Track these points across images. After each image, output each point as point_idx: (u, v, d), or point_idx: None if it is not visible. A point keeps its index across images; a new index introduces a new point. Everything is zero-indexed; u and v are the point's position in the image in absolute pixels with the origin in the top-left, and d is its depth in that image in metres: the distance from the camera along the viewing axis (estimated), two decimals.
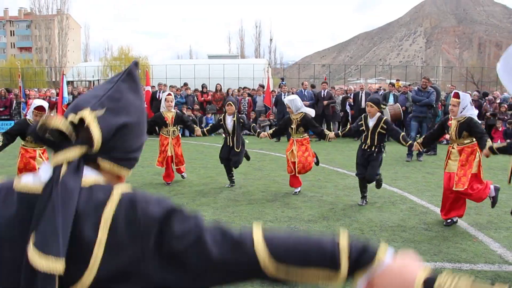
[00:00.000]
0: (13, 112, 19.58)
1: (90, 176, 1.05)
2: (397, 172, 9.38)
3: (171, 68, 44.57)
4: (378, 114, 6.66)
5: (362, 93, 15.94)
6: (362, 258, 1.05)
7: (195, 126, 8.83)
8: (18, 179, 1.09)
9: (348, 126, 7.87)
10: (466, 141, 5.69)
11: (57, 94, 18.46)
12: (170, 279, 1.01)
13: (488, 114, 15.46)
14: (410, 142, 6.64)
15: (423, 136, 6.77)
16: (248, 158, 8.42)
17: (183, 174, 8.53)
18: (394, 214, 6.25)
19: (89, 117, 1.04)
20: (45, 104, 6.14)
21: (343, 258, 1.04)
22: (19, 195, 1.04)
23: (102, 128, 1.05)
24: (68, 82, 61.97)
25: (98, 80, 50.97)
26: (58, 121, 1.03)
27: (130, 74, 1.18)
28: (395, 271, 1.04)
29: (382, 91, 16.73)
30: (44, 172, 1.06)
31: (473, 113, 5.75)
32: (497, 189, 5.70)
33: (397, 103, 12.65)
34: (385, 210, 6.48)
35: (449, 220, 5.78)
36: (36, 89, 22.31)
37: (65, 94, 17.53)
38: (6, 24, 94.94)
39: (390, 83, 16.93)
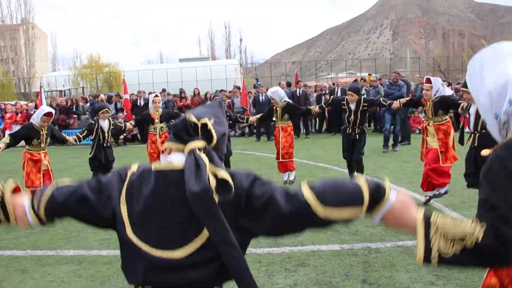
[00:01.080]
0: None
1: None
2: (375, 163, 9.95)
3: (143, 73, 44.43)
4: (357, 99, 7.25)
5: (338, 89, 16.52)
6: (377, 193, 1.47)
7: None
8: (156, 163, 1.59)
9: (331, 98, 8.37)
10: (440, 119, 6.28)
11: (36, 107, 18.50)
12: (255, 224, 1.52)
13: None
14: (389, 102, 7.38)
15: (406, 100, 7.38)
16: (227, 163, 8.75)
17: None
18: None
19: (209, 123, 1.55)
20: (53, 111, 6.61)
21: (365, 195, 1.46)
22: (158, 173, 1.54)
23: (216, 131, 1.56)
24: (37, 93, 60.64)
25: (69, 89, 50.36)
26: (196, 119, 1.54)
27: (220, 103, 1.76)
28: (400, 209, 1.49)
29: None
30: (174, 158, 1.56)
31: (447, 92, 6.34)
32: (445, 192, 6.35)
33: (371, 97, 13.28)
34: None
35: (436, 193, 6.37)
36: (13, 103, 22.16)
37: (44, 106, 17.61)
38: None
39: (361, 78, 17.60)
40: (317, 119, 17.52)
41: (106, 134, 7.81)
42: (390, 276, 4.10)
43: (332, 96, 8.03)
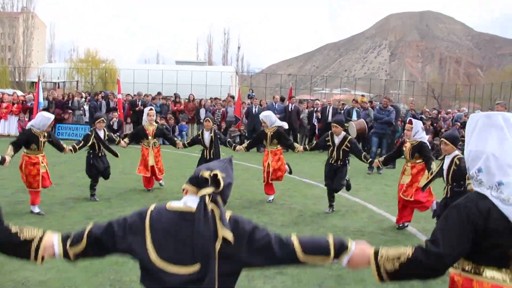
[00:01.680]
0: None
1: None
2: (360, 184, 10.37)
3: (139, 72, 44.53)
4: (343, 133, 7.60)
5: (329, 108, 16.99)
6: (341, 248, 2.16)
7: (176, 139, 9.62)
8: (169, 203, 2.10)
9: (315, 142, 8.78)
10: (417, 161, 6.81)
11: (33, 99, 18.75)
12: (252, 260, 2.06)
13: (442, 130, 16.80)
14: (371, 159, 7.68)
15: (384, 156, 7.84)
16: None
17: (160, 182, 9.29)
18: (355, 222, 7.19)
19: (219, 175, 2.02)
20: (53, 116, 7.13)
21: (331, 249, 2.14)
22: (176, 212, 2.06)
23: (224, 181, 2.02)
24: (32, 83, 59.90)
25: (64, 82, 50.27)
26: (207, 174, 2.01)
27: (231, 162, 2.23)
28: (358, 253, 2.16)
29: (346, 106, 17.88)
30: (188, 200, 2.07)
31: (424, 136, 6.87)
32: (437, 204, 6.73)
33: (362, 119, 13.69)
34: (347, 218, 7.41)
35: (400, 225, 6.83)
36: (10, 92, 22.38)
37: (41, 100, 17.88)
38: None
39: (353, 99, 18.09)
40: (307, 135, 17.95)
41: (101, 143, 8.09)
42: None
43: (316, 141, 8.47)
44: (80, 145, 7.89)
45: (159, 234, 2.03)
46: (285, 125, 8.74)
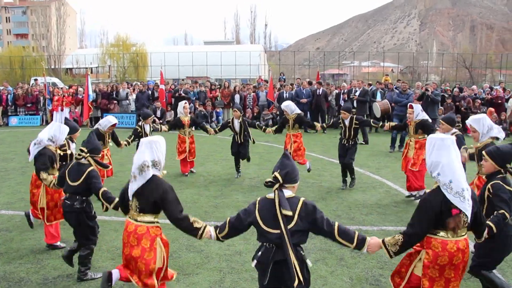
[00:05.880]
0: (41, 108, 21.69)
1: (288, 193, 3.44)
2: (381, 162, 11.71)
3: (169, 55, 45.65)
4: (350, 116, 8.99)
5: (354, 89, 18.14)
6: (361, 243, 3.48)
7: (207, 126, 11.12)
8: (268, 194, 3.51)
9: (332, 121, 10.27)
10: (420, 137, 8.21)
11: (82, 92, 20.53)
12: (311, 228, 3.45)
13: (463, 108, 17.82)
14: (381, 123, 9.32)
15: (394, 124, 9.28)
16: (248, 160, 10.46)
17: (192, 169, 10.85)
18: (373, 196, 8.60)
19: (278, 176, 3.40)
20: (117, 122, 8.57)
21: (355, 240, 3.47)
22: (268, 200, 3.48)
23: (281, 176, 3.40)
24: (67, 70, 60.54)
25: (97, 67, 51.99)
26: (271, 177, 3.43)
27: (285, 156, 3.53)
28: (373, 243, 3.53)
29: (371, 87, 18.99)
30: (271, 193, 3.47)
31: (425, 116, 8.32)
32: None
33: (385, 99, 14.81)
34: (367, 193, 8.82)
35: (409, 194, 8.31)
36: (61, 87, 24.28)
37: (90, 92, 19.66)
38: (2, 10, 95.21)
39: (377, 81, 19.18)
40: (335, 116, 19.22)
41: (149, 135, 9.68)
42: None
43: (332, 121, 9.94)
44: (131, 138, 9.51)
45: (263, 212, 3.44)
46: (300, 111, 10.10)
